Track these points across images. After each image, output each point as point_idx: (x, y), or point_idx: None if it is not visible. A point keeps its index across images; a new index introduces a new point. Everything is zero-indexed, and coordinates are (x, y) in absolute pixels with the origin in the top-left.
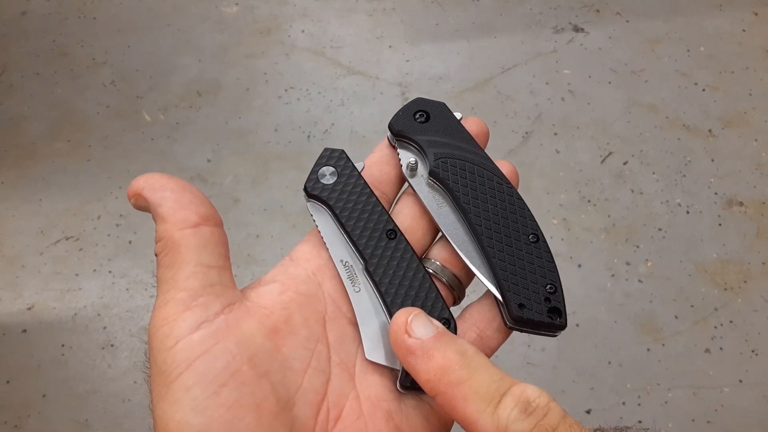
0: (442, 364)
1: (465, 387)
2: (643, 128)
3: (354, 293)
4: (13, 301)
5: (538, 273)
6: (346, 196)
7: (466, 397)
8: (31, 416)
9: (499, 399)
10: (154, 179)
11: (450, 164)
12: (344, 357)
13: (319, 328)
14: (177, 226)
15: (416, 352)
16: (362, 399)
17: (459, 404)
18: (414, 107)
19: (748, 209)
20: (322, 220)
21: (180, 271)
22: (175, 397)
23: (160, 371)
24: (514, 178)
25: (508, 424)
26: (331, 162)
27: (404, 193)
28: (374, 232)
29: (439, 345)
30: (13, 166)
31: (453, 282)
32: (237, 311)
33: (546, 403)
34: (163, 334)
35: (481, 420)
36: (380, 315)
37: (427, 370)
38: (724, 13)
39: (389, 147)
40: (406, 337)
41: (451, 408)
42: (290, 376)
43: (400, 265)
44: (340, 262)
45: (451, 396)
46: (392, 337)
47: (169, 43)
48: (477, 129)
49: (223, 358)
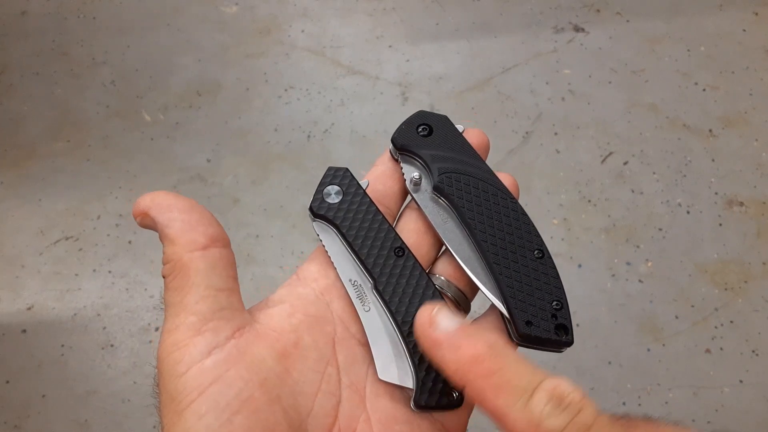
0: (470, 355)
1: (495, 379)
2: (644, 128)
3: (364, 312)
4: (13, 301)
5: (545, 289)
6: (353, 215)
7: (496, 390)
8: (30, 416)
9: (531, 392)
10: (161, 198)
11: (455, 179)
12: (354, 379)
13: (328, 351)
14: (186, 248)
15: (443, 344)
16: (373, 422)
17: (489, 396)
18: (417, 121)
19: (748, 209)
20: (329, 240)
21: (189, 294)
22: (187, 425)
23: (171, 398)
24: (514, 191)
25: (542, 419)
26: (336, 181)
27: (407, 208)
28: (382, 250)
29: (467, 336)
30: (13, 166)
31: (458, 297)
32: (247, 335)
33: (580, 399)
34: (173, 360)
35: (512, 414)
36: (391, 334)
37: (455, 361)
38: (725, 13)
39: (391, 160)
40: (431, 330)
41: (480, 399)
42: (301, 400)
43: (409, 282)
44: (348, 282)
45: (481, 387)
46: (417, 332)
47: (169, 43)
48: (478, 141)
49: (235, 385)
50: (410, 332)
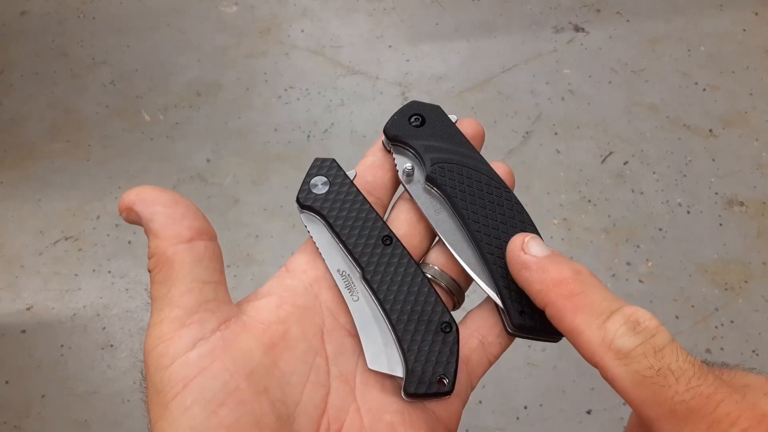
0: (556, 277)
1: (577, 299)
2: (644, 128)
3: (353, 302)
4: (12, 301)
5: None
6: (339, 204)
7: (576, 309)
8: (30, 416)
9: (609, 315)
10: (146, 192)
11: (447, 169)
12: (343, 369)
13: (317, 342)
14: (170, 241)
15: (531, 267)
16: (363, 411)
17: (568, 315)
18: (409, 111)
19: (748, 209)
20: (316, 231)
21: (174, 287)
22: (173, 418)
23: (157, 391)
24: (509, 180)
25: (615, 338)
26: (323, 172)
27: (400, 198)
28: (369, 239)
29: (554, 262)
30: (13, 166)
31: (452, 286)
32: (233, 327)
33: (655, 326)
34: (159, 353)
35: (588, 331)
36: (380, 323)
37: (541, 281)
38: (725, 13)
39: (382, 150)
40: (522, 253)
41: (559, 318)
42: (289, 391)
43: (397, 270)
44: (337, 272)
45: (561, 306)
46: (509, 255)
47: (169, 43)
48: (472, 131)
49: (221, 377)
50: (399, 320)
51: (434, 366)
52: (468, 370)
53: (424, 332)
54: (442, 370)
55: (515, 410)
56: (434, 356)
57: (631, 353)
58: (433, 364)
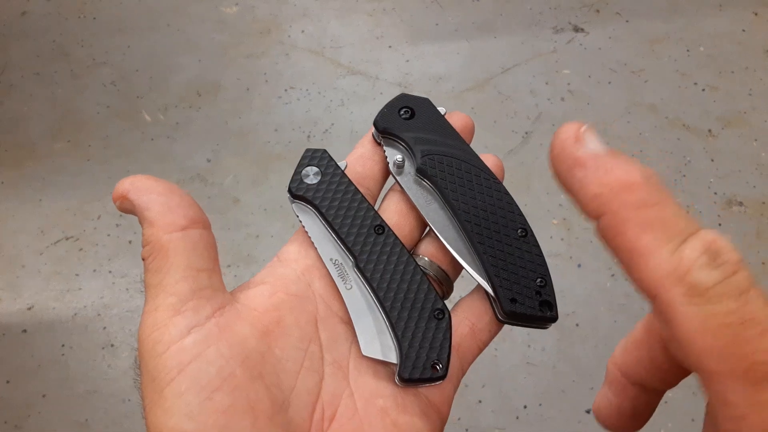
0: (623, 180)
1: (647, 212)
2: (643, 128)
3: (346, 291)
4: (13, 301)
5: (528, 267)
6: (331, 194)
7: (644, 225)
8: (31, 416)
9: (686, 238)
10: (140, 181)
11: (437, 161)
12: (337, 356)
13: (310, 329)
14: (164, 229)
15: (587, 164)
16: (357, 397)
17: (632, 230)
18: (398, 104)
19: (747, 209)
20: (308, 221)
21: (168, 275)
22: (168, 404)
23: (151, 377)
24: (499, 172)
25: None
26: (314, 162)
27: (390, 190)
28: (362, 228)
29: (619, 161)
30: (13, 166)
31: (441, 276)
32: (228, 314)
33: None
34: (153, 340)
35: (657, 253)
36: (373, 310)
37: (600, 183)
38: (724, 13)
39: (372, 142)
40: (576, 146)
41: (617, 232)
42: (284, 377)
43: (390, 259)
44: (329, 261)
45: (626, 217)
46: (556, 149)
47: (169, 43)
48: (462, 124)
49: (215, 362)
50: (393, 307)
51: (428, 352)
52: (459, 356)
53: (418, 319)
54: (436, 355)
55: (515, 410)
56: (428, 342)
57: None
58: (426, 350)
